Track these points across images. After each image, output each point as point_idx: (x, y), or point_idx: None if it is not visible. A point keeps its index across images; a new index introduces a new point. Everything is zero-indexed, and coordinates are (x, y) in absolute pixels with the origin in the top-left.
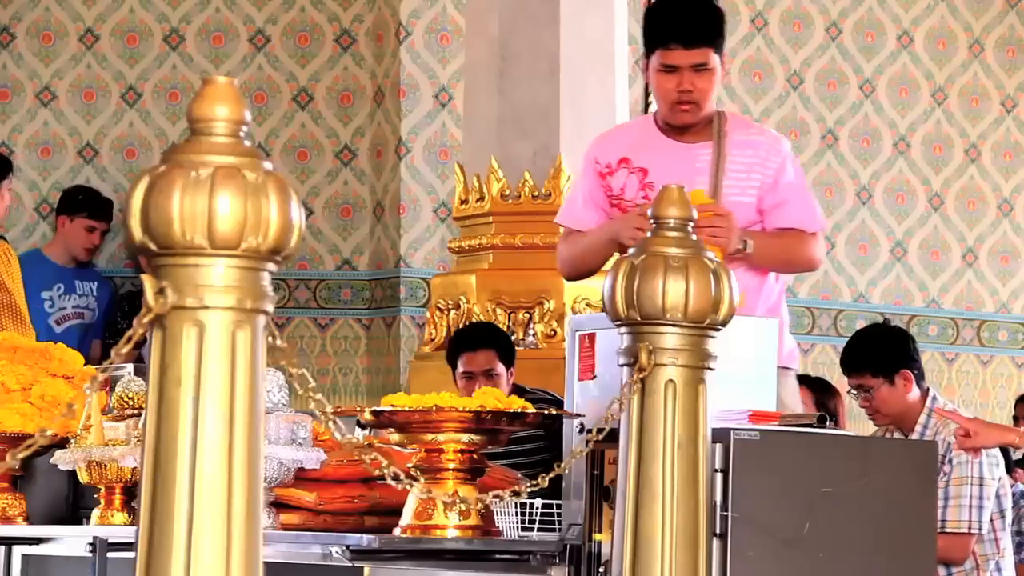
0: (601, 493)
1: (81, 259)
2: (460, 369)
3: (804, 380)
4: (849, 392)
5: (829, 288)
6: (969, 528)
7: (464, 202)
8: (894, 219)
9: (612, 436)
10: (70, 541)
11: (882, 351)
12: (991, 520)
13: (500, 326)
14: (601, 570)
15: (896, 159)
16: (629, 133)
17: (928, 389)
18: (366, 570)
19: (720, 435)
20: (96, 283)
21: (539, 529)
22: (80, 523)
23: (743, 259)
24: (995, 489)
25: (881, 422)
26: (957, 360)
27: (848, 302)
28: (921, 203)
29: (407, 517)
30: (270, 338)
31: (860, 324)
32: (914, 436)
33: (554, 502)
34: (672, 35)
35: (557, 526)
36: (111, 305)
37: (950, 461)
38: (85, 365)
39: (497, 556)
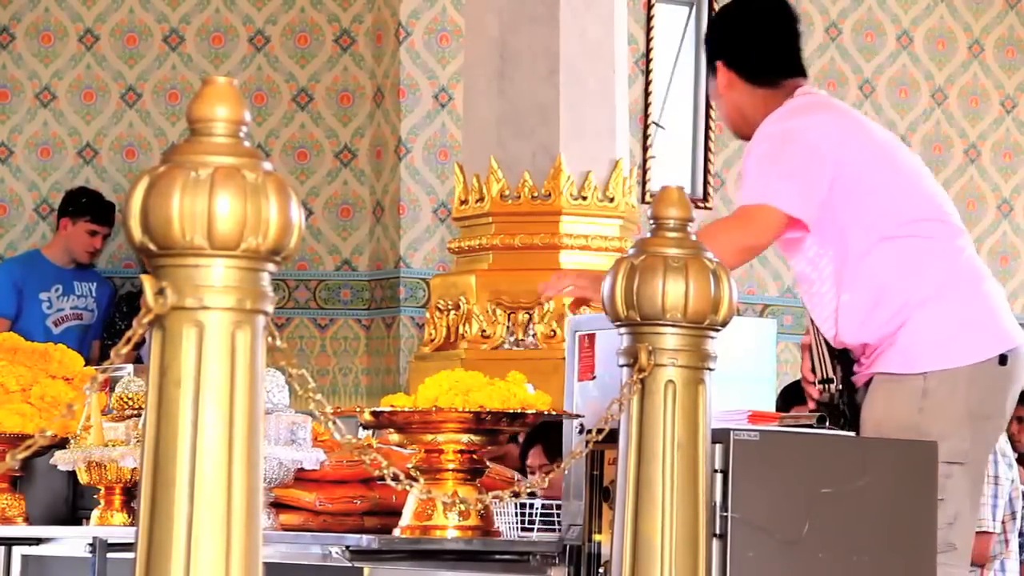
0: (601, 493)
1: (82, 262)
2: None
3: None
4: None
5: None
6: (992, 527)
7: (464, 202)
8: None
9: (612, 436)
10: (70, 541)
11: None
12: (1003, 520)
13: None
14: (601, 571)
15: None
16: None
17: None
18: (366, 570)
19: (720, 435)
20: (95, 283)
21: (539, 529)
22: (80, 523)
23: None
24: (1008, 489)
25: None
26: None
27: None
28: None
29: (407, 517)
30: (270, 338)
31: None
32: None
33: (554, 502)
34: None
35: (557, 526)
36: (111, 306)
37: None
38: (85, 366)
39: (497, 556)
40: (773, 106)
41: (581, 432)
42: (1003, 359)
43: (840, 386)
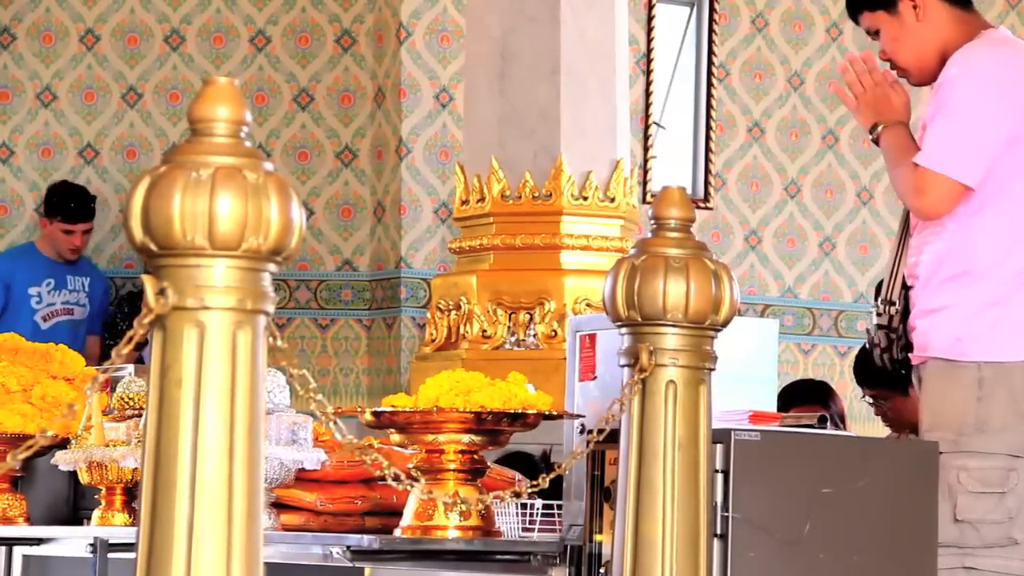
0: (602, 494)
1: (67, 259)
2: None
3: (804, 382)
4: (863, 399)
5: (830, 289)
6: None
7: (465, 202)
8: (898, 220)
9: (613, 437)
10: (71, 542)
11: None
12: None
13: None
14: (602, 571)
15: None
16: None
17: None
18: (367, 571)
19: (721, 436)
20: (89, 278)
21: (540, 530)
22: (80, 524)
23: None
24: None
25: (899, 431)
26: None
27: (849, 303)
28: None
29: (408, 518)
30: (271, 339)
31: (861, 325)
32: None
33: (555, 502)
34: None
35: (558, 527)
36: (105, 299)
37: None
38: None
39: (498, 557)
40: (968, 30)
41: (582, 432)
42: None
43: (900, 316)
